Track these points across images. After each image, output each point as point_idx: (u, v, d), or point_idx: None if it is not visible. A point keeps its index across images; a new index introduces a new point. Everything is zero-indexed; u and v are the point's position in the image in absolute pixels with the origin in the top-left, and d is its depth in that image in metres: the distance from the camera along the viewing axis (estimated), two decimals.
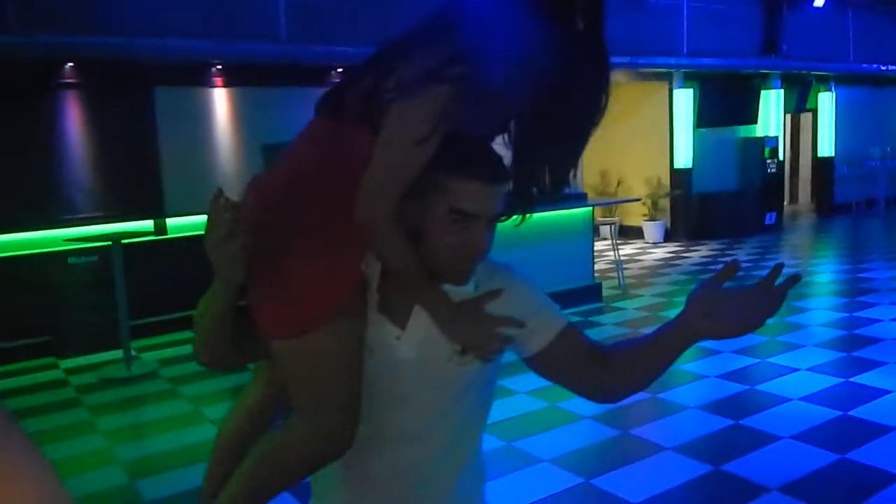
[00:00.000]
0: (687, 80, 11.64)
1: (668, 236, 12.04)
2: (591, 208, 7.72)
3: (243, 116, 7.88)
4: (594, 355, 1.28)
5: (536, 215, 6.14)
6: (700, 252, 10.83)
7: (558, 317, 1.29)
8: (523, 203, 1.30)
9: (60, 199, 6.96)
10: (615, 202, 11.42)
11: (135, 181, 7.29)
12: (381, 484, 1.28)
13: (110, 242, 5.83)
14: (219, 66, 7.73)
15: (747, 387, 4.92)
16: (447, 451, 1.28)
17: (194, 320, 1.27)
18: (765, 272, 1.19)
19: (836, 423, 4.25)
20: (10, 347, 6.32)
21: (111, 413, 5.03)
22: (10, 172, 6.67)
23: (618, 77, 11.19)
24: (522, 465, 3.90)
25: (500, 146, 1.26)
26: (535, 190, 1.30)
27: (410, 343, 1.23)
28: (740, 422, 4.33)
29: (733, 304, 1.16)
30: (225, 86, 7.83)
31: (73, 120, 7.07)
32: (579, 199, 7.76)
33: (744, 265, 6.18)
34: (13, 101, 6.69)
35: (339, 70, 8.12)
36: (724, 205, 12.25)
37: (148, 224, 6.96)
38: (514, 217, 1.31)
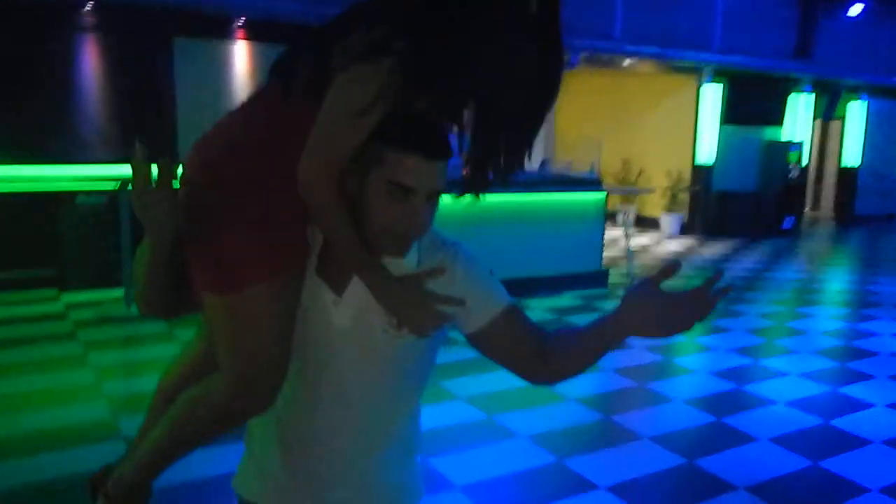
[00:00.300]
0: (716, 76, 11.46)
1: (684, 230, 11.96)
2: (604, 195, 7.65)
3: (262, 72, 7.86)
4: (533, 339, 1.29)
5: (549, 197, 6.19)
6: (713, 249, 10.75)
7: (501, 298, 1.29)
8: (476, 184, 1.29)
9: (74, 139, 7.02)
10: (629, 191, 11.34)
11: (149, 127, 7.33)
12: (309, 442, 1.29)
13: (117, 185, 5.87)
14: (240, 21, 7.71)
15: (735, 386, 4.90)
16: (375, 418, 1.30)
17: (133, 270, 1.28)
18: (776, 275, 1.18)
19: (816, 430, 4.22)
20: (16, 278, 6.43)
21: (104, 349, 5.11)
22: (27, 109, 6.74)
23: (647, 67, 11.06)
24: (500, 439, 3.93)
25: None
26: (489, 173, 1.29)
27: (346, 310, 1.23)
28: (722, 419, 4.33)
29: (666, 306, 1.15)
30: (246, 38, 7.82)
31: (92, 63, 7.11)
32: (594, 184, 7.71)
33: (753, 268, 6.19)
34: (34, 42, 6.74)
35: None
36: (742, 205, 12.13)
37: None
38: (467, 196, 1.31)
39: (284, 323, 1.21)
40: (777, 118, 12.49)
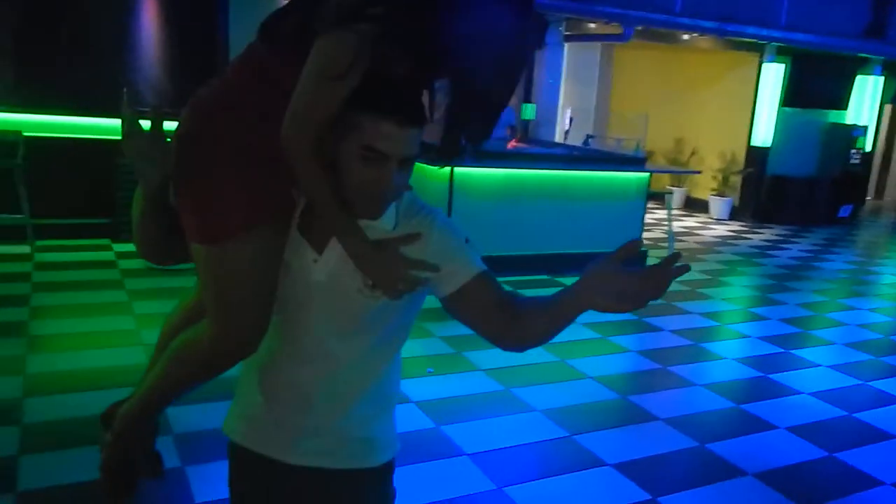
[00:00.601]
0: (779, 55, 11.08)
1: (734, 214, 11.69)
2: (647, 175, 7.56)
3: None
4: (502, 306, 1.33)
5: (591, 174, 6.18)
6: (762, 235, 10.51)
7: (474, 264, 1.34)
8: (447, 151, 1.34)
9: (129, 91, 7.24)
10: (674, 171, 11.16)
11: (201, 80, 7.49)
12: (287, 393, 1.38)
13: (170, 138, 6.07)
14: None
15: (761, 374, 4.86)
16: (348, 374, 1.37)
17: (132, 216, 1.38)
18: (824, 264, 1.20)
19: (837, 422, 4.18)
20: (73, 224, 6.74)
21: (148, 299, 5.35)
22: (83, 60, 6.96)
23: (706, 43, 10.75)
24: (515, 411, 4.01)
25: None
26: (462, 141, 1.33)
27: (324, 268, 1.31)
28: (741, 406, 4.31)
29: (625, 282, 1.19)
30: None
31: (149, 16, 7.29)
32: (637, 163, 7.62)
33: (800, 256, 6.09)
34: None
35: None
36: (798, 190, 11.78)
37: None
38: (443, 164, 1.35)
39: (265, 276, 1.29)
40: (841, 101, 12.02)
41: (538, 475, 3.35)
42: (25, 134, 6.13)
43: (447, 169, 6.29)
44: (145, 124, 1.33)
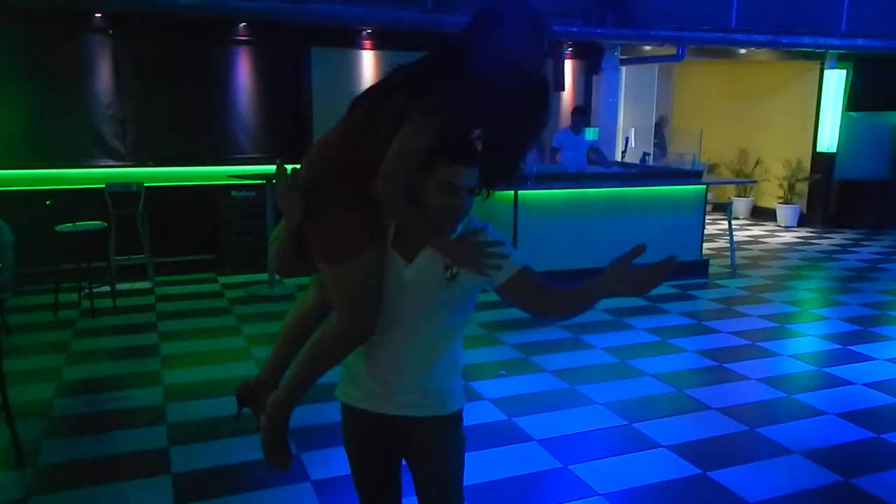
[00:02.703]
0: (841, 61, 11.19)
1: (802, 221, 11.78)
2: (704, 187, 7.92)
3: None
4: (542, 290, 1.89)
5: (649, 189, 6.90)
6: (832, 240, 10.59)
7: (518, 261, 1.91)
8: (487, 184, 1.91)
9: (228, 141, 8.20)
10: (730, 182, 11.40)
11: (290, 128, 8.42)
12: (385, 361, 1.95)
13: (264, 181, 6.89)
14: (368, 31, 8.59)
15: (814, 368, 5.17)
16: (430, 342, 1.94)
17: (269, 244, 2.00)
18: (893, 265, 1.68)
19: (888, 408, 4.48)
20: (182, 261, 7.64)
21: (253, 322, 6.11)
22: (189, 115, 7.95)
23: (764, 55, 10.99)
24: (579, 405, 4.49)
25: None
26: (496, 177, 1.91)
27: (413, 271, 1.89)
28: (792, 395, 4.66)
29: (636, 274, 1.73)
30: (373, 49, 8.71)
31: (242, 72, 8.23)
32: (693, 176, 7.99)
33: (874, 257, 6.54)
34: (195, 52, 7.94)
35: None
36: (869, 193, 11.77)
37: (298, 167, 8.00)
38: (484, 191, 1.93)
39: (375, 281, 1.87)
40: None
41: (599, 455, 3.83)
42: (144, 184, 7.06)
43: (511, 192, 6.87)
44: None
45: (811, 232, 11.28)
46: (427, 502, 2.04)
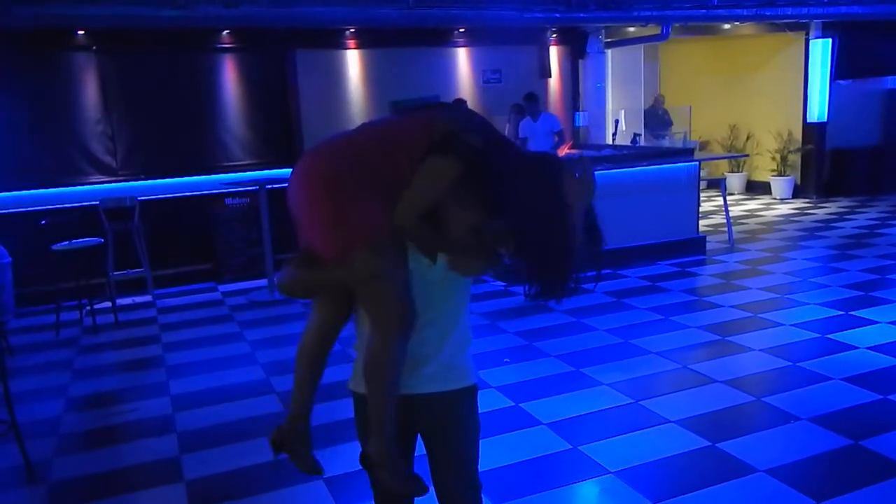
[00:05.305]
0: (826, 30, 11.19)
1: (797, 193, 11.79)
2: (696, 164, 7.93)
3: (373, 75, 8.75)
4: None
5: (642, 169, 6.92)
6: (827, 209, 10.61)
7: None
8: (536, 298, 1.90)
9: (219, 149, 8.20)
10: (721, 157, 11.42)
11: (279, 134, 8.43)
12: (413, 343, 1.94)
13: (258, 187, 6.90)
14: (352, 30, 8.59)
15: (818, 335, 5.19)
16: (448, 320, 2.00)
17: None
18: (892, 230, 1.66)
19: (893, 370, 4.50)
20: (181, 272, 7.65)
21: (256, 327, 6.12)
22: (178, 126, 7.96)
23: (749, 29, 10.99)
24: (585, 387, 4.50)
25: None
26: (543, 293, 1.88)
27: (439, 272, 1.95)
28: (797, 363, 4.67)
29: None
30: (357, 48, 8.71)
31: (229, 79, 8.23)
32: (684, 155, 8.00)
33: (871, 223, 6.59)
34: (180, 63, 7.94)
35: (460, 30, 8.78)
36: (861, 161, 11.78)
37: (290, 171, 7.98)
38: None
39: (406, 279, 1.88)
40: None
41: (609, 435, 3.85)
42: (138, 198, 7.05)
43: None
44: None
45: (806, 202, 11.30)
46: (443, 480, 2.06)
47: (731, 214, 9.02)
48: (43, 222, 6.43)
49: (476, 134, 1.85)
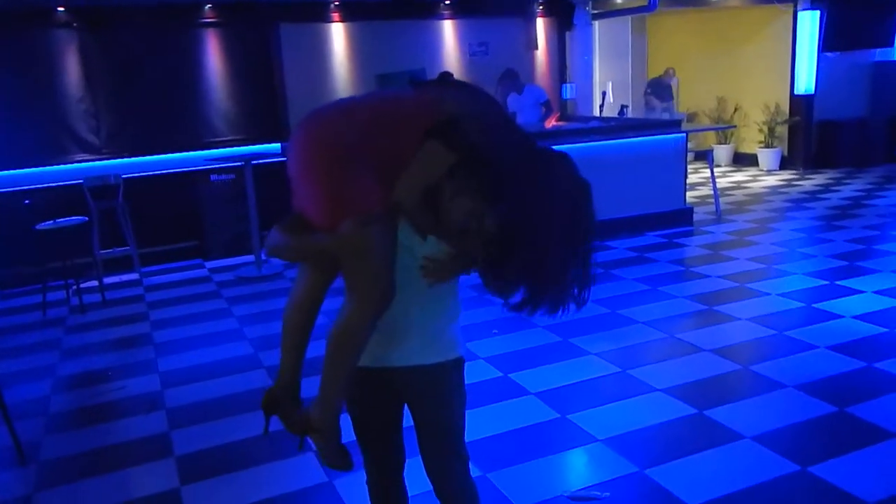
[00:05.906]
0: (814, 2, 11.14)
1: (784, 164, 11.82)
2: (683, 136, 7.92)
3: (358, 48, 8.66)
4: None
5: (629, 141, 6.93)
6: (814, 180, 10.65)
7: None
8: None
9: (203, 125, 8.11)
10: (708, 129, 11.41)
11: (264, 109, 8.34)
12: (396, 310, 1.90)
13: (243, 163, 6.84)
14: (336, 3, 8.48)
15: (804, 304, 5.23)
16: (433, 295, 1.97)
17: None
18: (877, 202, 1.65)
19: (877, 338, 4.55)
20: (167, 250, 7.60)
21: (243, 303, 6.09)
22: (162, 102, 7.85)
23: (734, 1, 10.94)
24: (572, 356, 4.52)
25: None
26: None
27: (428, 248, 1.92)
28: (783, 332, 4.71)
29: None
30: (342, 21, 8.60)
31: (212, 55, 8.12)
32: (672, 126, 7.98)
33: (857, 194, 6.63)
34: (162, 39, 7.82)
35: (445, 2, 8.68)
36: (848, 133, 11.78)
37: (275, 146, 7.96)
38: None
39: (391, 256, 1.84)
40: (886, 38, 11.95)
41: (596, 404, 3.87)
42: (122, 176, 6.98)
43: None
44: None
45: (793, 174, 11.33)
46: (430, 451, 2.07)
47: (718, 186, 9.03)
48: (27, 202, 6.35)
49: (478, 121, 1.80)
